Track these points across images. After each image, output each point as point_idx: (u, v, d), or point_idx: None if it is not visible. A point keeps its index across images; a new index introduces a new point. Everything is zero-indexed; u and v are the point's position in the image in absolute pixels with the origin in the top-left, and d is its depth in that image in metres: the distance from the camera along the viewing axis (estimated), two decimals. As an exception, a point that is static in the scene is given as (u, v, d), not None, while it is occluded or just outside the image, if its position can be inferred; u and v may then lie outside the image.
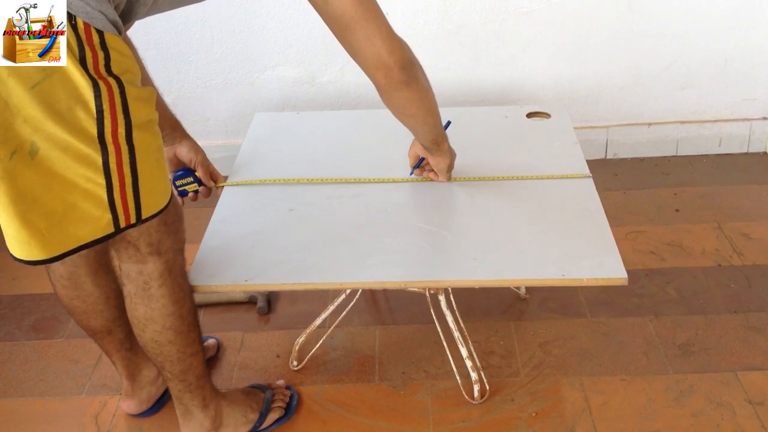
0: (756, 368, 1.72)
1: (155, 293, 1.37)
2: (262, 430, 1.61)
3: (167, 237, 1.35)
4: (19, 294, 2.08)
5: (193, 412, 1.53)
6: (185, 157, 1.65)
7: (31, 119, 1.07)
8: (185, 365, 1.46)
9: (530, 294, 1.95)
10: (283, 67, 2.41)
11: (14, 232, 1.15)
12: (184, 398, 1.51)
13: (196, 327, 1.46)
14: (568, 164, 1.73)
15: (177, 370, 1.46)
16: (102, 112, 1.10)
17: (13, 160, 1.08)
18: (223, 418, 1.56)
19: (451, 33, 2.37)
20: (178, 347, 1.43)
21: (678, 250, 2.10)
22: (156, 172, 1.23)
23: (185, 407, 1.53)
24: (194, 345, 1.46)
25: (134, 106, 1.14)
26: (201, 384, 1.51)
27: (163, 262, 1.35)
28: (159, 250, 1.34)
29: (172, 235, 1.36)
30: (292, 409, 1.65)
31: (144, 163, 1.18)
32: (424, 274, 1.44)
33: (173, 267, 1.38)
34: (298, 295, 1.98)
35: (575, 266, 1.42)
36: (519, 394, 1.68)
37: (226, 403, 1.57)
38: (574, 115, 2.00)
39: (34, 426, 1.68)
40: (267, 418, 1.61)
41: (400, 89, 1.37)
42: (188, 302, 1.42)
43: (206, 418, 1.54)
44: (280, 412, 1.63)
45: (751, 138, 2.55)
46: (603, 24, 2.36)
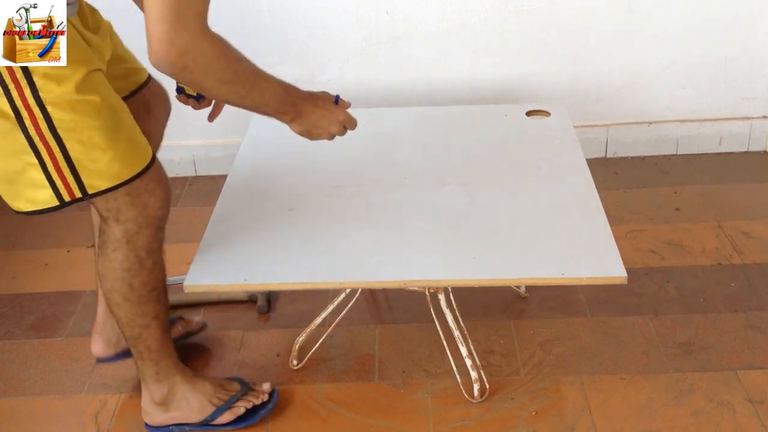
0: (756, 367, 1.72)
1: (109, 255, 1.41)
2: (215, 425, 1.61)
3: (130, 208, 1.36)
4: (19, 293, 2.08)
5: (147, 381, 1.57)
6: None
7: None
8: (134, 333, 1.49)
9: (530, 293, 1.95)
10: (282, 66, 2.41)
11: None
12: (138, 364, 1.55)
13: (151, 302, 1.46)
14: (568, 163, 1.73)
15: (127, 335, 1.50)
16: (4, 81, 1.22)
17: None
18: (176, 399, 1.58)
19: (451, 31, 2.36)
20: (125, 313, 1.46)
21: (678, 249, 2.10)
22: (94, 153, 1.28)
23: (140, 373, 1.57)
24: (145, 318, 1.47)
25: (41, 83, 1.22)
26: (154, 357, 1.53)
27: (121, 230, 1.38)
28: (117, 217, 1.37)
29: (137, 208, 1.37)
30: (255, 417, 1.62)
31: (72, 140, 1.25)
32: (424, 274, 1.44)
33: (133, 238, 1.39)
34: (298, 294, 1.98)
35: (575, 265, 1.42)
36: (519, 393, 1.68)
37: (187, 386, 1.58)
38: (574, 114, 1.99)
39: (34, 425, 1.68)
40: (221, 416, 1.60)
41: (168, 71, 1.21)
42: (143, 276, 1.43)
43: (157, 391, 1.57)
44: (239, 411, 1.61)
45: (752, 137, 2.55)
46: (603, 22, 2.36)
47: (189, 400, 1.58)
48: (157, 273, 1.46)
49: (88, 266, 2.16)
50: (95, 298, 1.98)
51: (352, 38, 2.37)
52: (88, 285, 2.07)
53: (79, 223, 2.34)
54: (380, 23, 2.35)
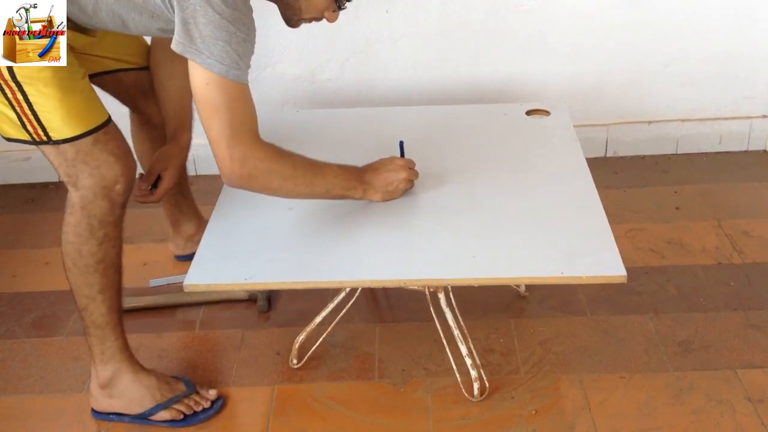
0: (756, 366, 1.72)
1: (66, 218, 1.49)
2: (152, 421, 1.63)
3: (87, 177, 1.44)
4: (19, 291, 2.08)
5: (94, 361, 1.61)
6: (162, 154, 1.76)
7: None
8: (81, 304, 1.54)
9: (530, 291, 1.95)
10: (282, 65, 2.41)
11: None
12: (87, 340, 1.60)
13: (96, 274, 1.51)
14: (568, 162, 1.73)
15: (78, 305, 1.55)
16: None
17: None
18: (118, 385, 1.62)
19: (451, 30, 2.36)
20: (74, 279, 1.52)
21: (678, 248, 2.10)
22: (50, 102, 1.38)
23: (89, 352, 1.61)
24: (91, 290, 1.52)
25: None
26: (99, 335, 1.57)
27: (77, 196, 1.46)
28: (75, 184, 1.45)
29: (94, 178, 1.45)
30: (194, 420, 1.64)
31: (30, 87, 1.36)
32: (424, 272, 1.44)
33: (87, 206, 1.46)
34: (298, 293, 1.98)
35: (575, 264, 1.42)
36: (519, 392, 1.68)
37: (132, 376, 1.62)
38: (574, 113, 1.99)
39: (35, 424, 1.69)
40: (157, 414, 1.62)
41: (239, 184, 1.43)
42: (92, 245, 1.48)
43: (101, 372, 1.61)
44: (176, 415, 1.62)
45: (751, 136, 2.55)
46: (603, 21, 2.36)
47: (131, 390, 1.61)
48: (107, 247, 1.50)
49: (89, 265, 2.16)
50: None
51: (352, 37, 2.37)
52: (88, 284, 2.08)
53: (79, 222, 2.35)
54: (380, 22, 2.35)
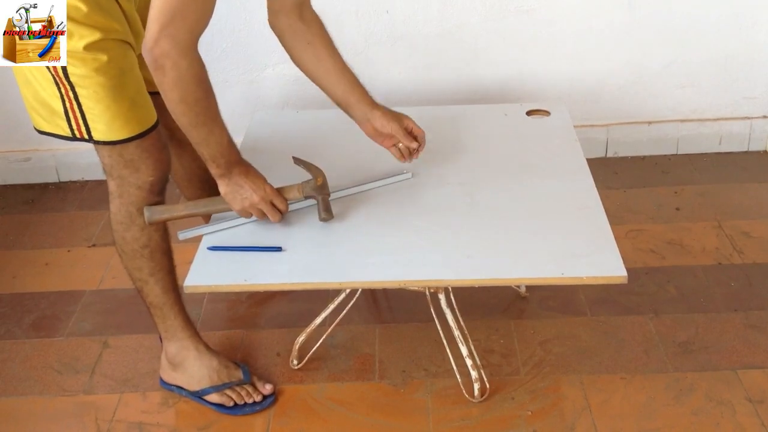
0: (756, 366, 1.72)
1: (110, 206, 1.55)
2: (203, 400, 1.68)
3: (122, 168, 1.49)
4: (19, 292, 2.08)
5: (163, 336, 1.69)
6: (384, 129, 1.62)
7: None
8: (137, 286, 1.63)
9: (530, 292, 1.95)
10: (283, 66, 2.41)
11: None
12: (151, 316, 1.68)
13: (143, 259, 1.57)
14: (568, 163, 1.73)
15: (136, 287, 1.63)
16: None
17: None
18: (182, 361, 1.68)
19: (451, 31, 2.36)
20: (125, 264, 1.60)
21: (678, 249, 2.10)
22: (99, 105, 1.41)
23: (155, 325, 1.69)
24: (141, 273, 1.59)
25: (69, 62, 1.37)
26: (159, 315, 1.65)
27: (114, 185, 1.52)
28: (111, 174, 1.51)
29: (128, 169, 1.49)
30: (241, 411, 1.66)
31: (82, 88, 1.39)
32: (424, 273, 1.44)
33: (125, 194, 1.52)
34: (298, 294, 1.98)
35: (575, 264, 1.42)
36: (519, 393, 1.68)
37: (195, 353, 1.68)
38: (574, 114, 1.99)
39: (34, 425, 1.69)
40: (210, 395, 1.67)
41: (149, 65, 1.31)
42: (134, 231, 1.54)
43: (168, 348, 1.69)
44: (226, 401, 1.67)
45: (752, 136, 2.55)
46: (603, 22, 2.36)
47: (193, 368, 1.67)
48: (150, 231, 1.55)
49: (88, 266, 2.16)
50: (96, 298, 2.04)
51: (352, 37, 2.37)
52: (88, 285, 2.08)
53: (79, 223, 2.35)
54: (380, 22, 2.35)
